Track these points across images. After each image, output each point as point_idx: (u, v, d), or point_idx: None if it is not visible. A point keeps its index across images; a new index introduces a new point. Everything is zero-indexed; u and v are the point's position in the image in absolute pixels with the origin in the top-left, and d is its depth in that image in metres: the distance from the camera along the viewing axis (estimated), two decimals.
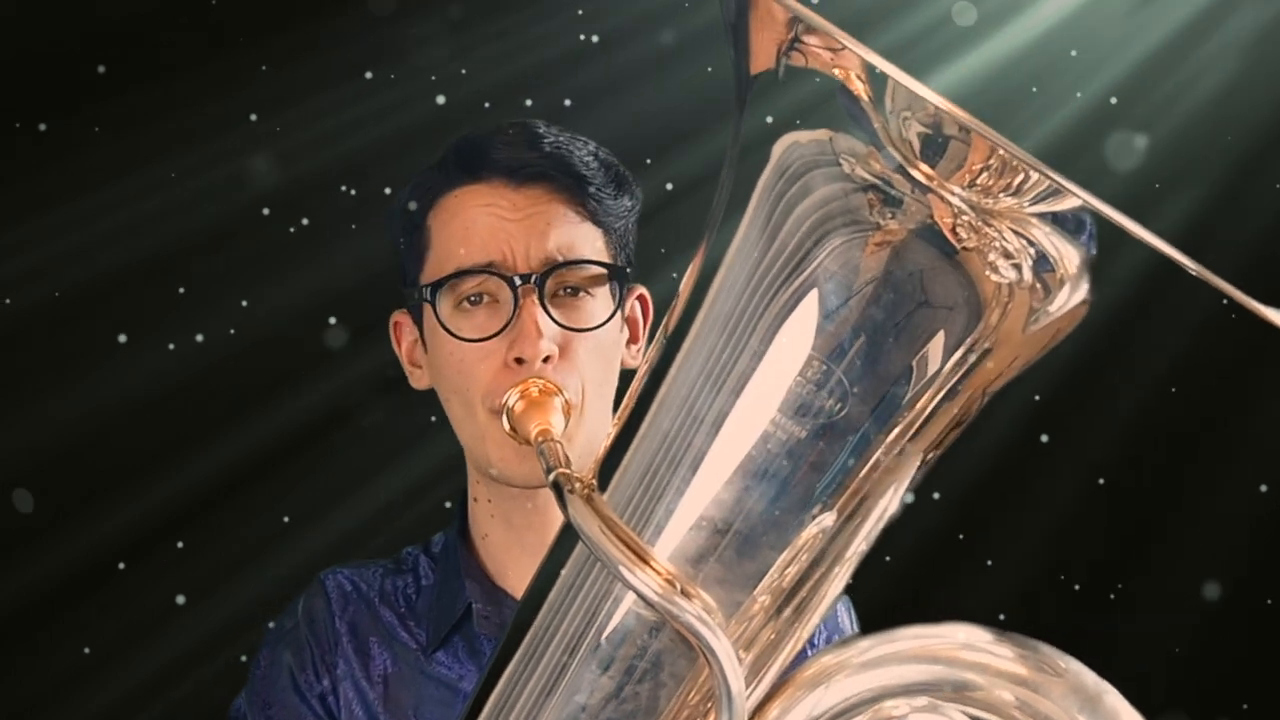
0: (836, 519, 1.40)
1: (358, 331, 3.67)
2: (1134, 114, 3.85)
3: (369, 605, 2.03)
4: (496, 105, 3.76)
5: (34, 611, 3.62)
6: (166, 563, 3.68)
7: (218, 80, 3.69)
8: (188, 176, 3.69)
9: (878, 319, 1.33)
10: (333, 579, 2.06)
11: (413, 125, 3.76)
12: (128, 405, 3.66)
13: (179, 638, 3.63)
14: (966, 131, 1.25)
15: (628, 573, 1.34)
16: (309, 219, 3.73)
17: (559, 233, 1.88)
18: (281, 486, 3.72)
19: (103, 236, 3.66)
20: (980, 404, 1.37)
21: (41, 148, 3.64)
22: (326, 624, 2.02)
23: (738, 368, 1.37)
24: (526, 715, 1.45)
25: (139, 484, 3.66)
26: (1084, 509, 3.96)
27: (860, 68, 1.27)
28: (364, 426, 3.71)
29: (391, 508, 3.70)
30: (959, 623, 1.52)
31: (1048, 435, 3.93)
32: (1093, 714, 1.47)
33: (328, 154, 3.73)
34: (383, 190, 3.60)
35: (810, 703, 1.50)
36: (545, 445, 1.53)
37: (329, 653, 2.01)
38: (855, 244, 1.32)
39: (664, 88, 3.80)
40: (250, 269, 3.72)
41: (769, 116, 1.34)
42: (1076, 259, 1.30)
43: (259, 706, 2.01)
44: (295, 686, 2.00)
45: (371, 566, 2.07)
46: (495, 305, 1.89)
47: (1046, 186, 1.25)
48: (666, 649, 1.41)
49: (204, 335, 3.71)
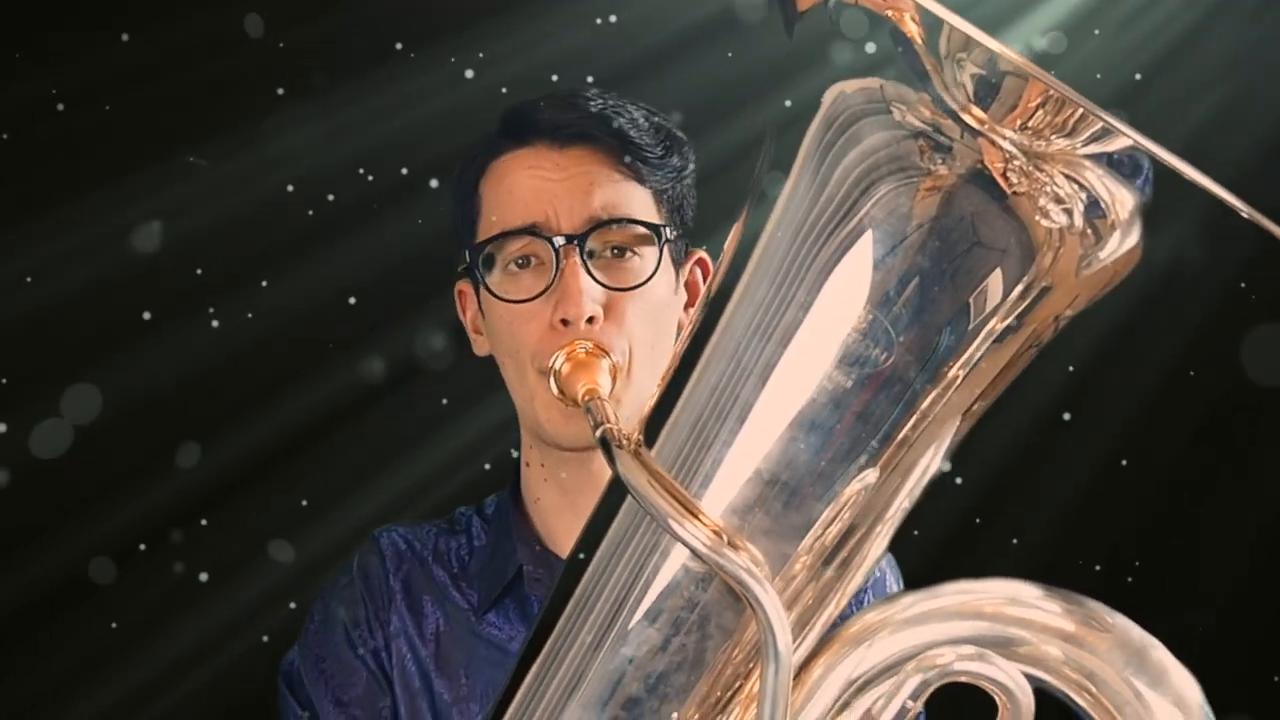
0: (880, 474, 1.40)
1: (378, 315, 3.67)
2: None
3: (422, 564, 2.05)
4: (514, 91, 3.76)
5: (61, 592, 3.62)
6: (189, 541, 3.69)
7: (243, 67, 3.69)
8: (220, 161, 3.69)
9: (925, 267, 1.32)
10: (387, 536, 2.08)
11: (429, 113, 3.75)
12: (153, 385, 3.67)
13: (204, 615, 3.63)
14: (1021, 73, 1.24)
15: (676, 525, 1.34)
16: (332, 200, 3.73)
17: (603, 192, 1.89)
18: (300, 470, 3.73)
19: (132, 223, 3.66)
20: (1053, 332, 1.36)
21: (63, 132, 3.64)
22: (381, 580, 2.04)
23: (785, 319, 1.37)
24: (575, 669, 1.45)
25: (162, 466, 3.66)
26: (1106, 489, 3.96)
27: (913, 8, 1.26)
28: (382, 414, 3.71)
29: (410, 493, 3.70)
30: (1003, 579, 1.51)
31: (1070, 413, 3.92)
32: (1140, 668, 1.47)
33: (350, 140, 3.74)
34: (400, 171, 3.60)
35: (854, 660, 1.50)
36: (592, 403, 1.53)
37: (383, 609, 2.03)
38: (904, 191, 1.31)
39: (687, 70, 3.80)
40: (273, 252, 3.71)
41: (818, 60, 1.33)
42: (1130, 203, 1.29)
43: (312, 660, 2.04)
44: (349, 641, 2.02)
45: (425, 526, 2.10)
46: (541, 267, 1.89)
47: (1099, 127, 1.24)
48: (714, 601, 1.41)
49: (226, 318, 3.71)
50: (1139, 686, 1.47)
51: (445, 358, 3.43)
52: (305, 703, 2.02)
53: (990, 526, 3.94)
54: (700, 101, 3.70)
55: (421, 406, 3.63)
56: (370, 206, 3.68)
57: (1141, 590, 3.94)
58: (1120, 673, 1.47)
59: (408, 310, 3.53)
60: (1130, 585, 3.96)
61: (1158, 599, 3.86)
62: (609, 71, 3.73)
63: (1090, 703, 1.47)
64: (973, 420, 1.42)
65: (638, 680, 1.43)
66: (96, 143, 3.63)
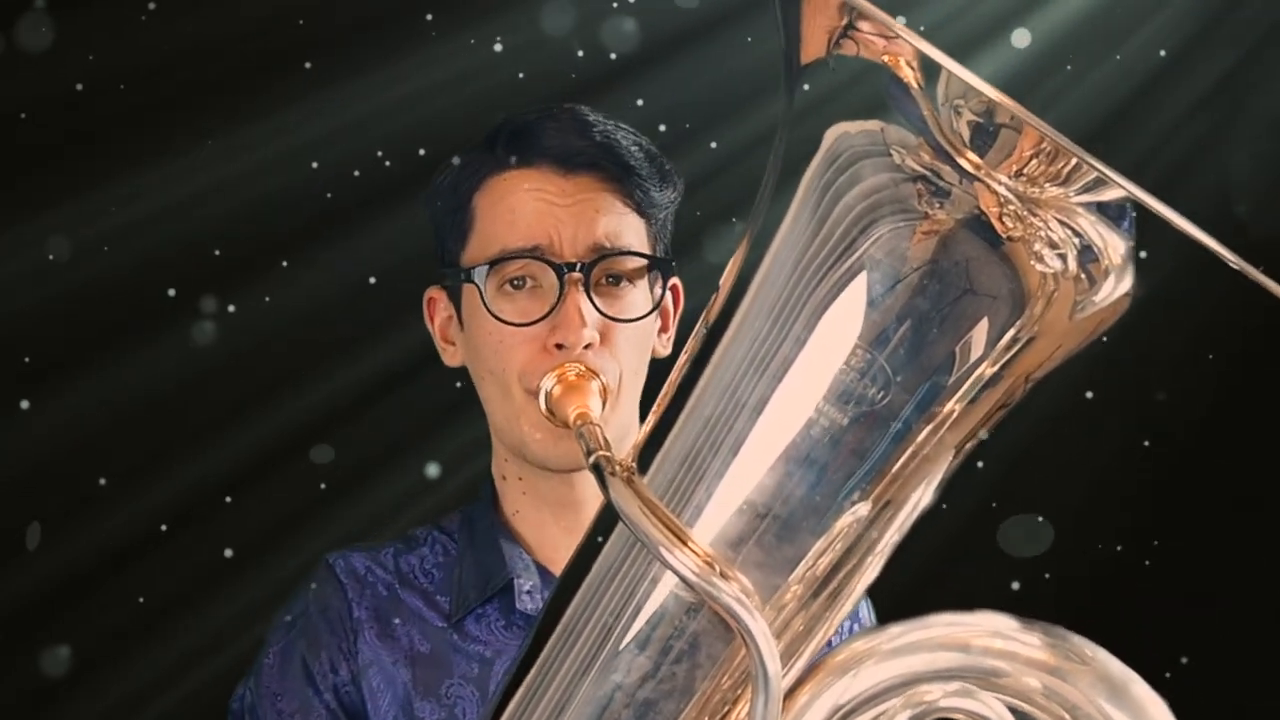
0: (872, 508, 1.42)
1: (399, 302, 3.69)
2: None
3: (388, 588, 2.00)
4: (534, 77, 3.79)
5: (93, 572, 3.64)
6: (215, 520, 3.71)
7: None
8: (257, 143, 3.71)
9: (922, 308, 1.34)
10: (343, 562, 2.02)
11: (447, 101, 3.78)
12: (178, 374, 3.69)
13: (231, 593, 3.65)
14: (1016, 121, 1.26)
15: (667, 553, 1.36)
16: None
17: (606, 221, 1.90)
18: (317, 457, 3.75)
19: (160, 211, 3.68)
20: (1024, 391, 1.39)
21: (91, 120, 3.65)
22: (342, 611, 1.99)
23: (781, 353, 1.39)
24: (563, 693, 1.46)
25: (191, 449, 3.69)
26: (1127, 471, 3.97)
27: (910, 55, 1.28)
28: (398, 399, 3.73)
29: (430, 480, 3.72)
30: (988, 611, 1.53)
31: (1092, 392, 3.93)
32: (1119, 702, 1.49)
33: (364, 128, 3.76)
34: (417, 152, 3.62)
35: (840, 688, 1.51)
36: (585, 428, 1.55)
37: (346, 640, 1.98)
38: (902, 233, 1.33)
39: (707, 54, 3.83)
40: (296, 237, 3.73)
41: (817, 104, 1.35)
42: (1121, 249, 1.31)
43: (268, 697, 1.98)
44: (309, 677, 1.97)
45: (382, 548, 2.04)
46: (539, 290, 1.90)
47: (1093, 177, 1.26)
48: (704, 630, 1.43)
49: (247, 304, 3.72)
50: None
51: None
52: None
53: (1008, 509, 3.96)
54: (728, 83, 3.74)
55: (443, 392, 3.64)
56: (394, 187, 3.70)
57: (1157, 574, 3.96)
58: (1100, 706, 1.49)
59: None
60: (1147, 569, 3.98)
61: (1175, 582, 3.89)
62: (631, 57, 3.75)
63: None
64: (964, 456, 1.45)
65: (626, 706, 1.44)
66: (115, 122, 3.66)
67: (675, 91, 3.84)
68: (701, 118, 3.80)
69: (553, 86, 3.75)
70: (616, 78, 3.83)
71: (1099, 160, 1.25)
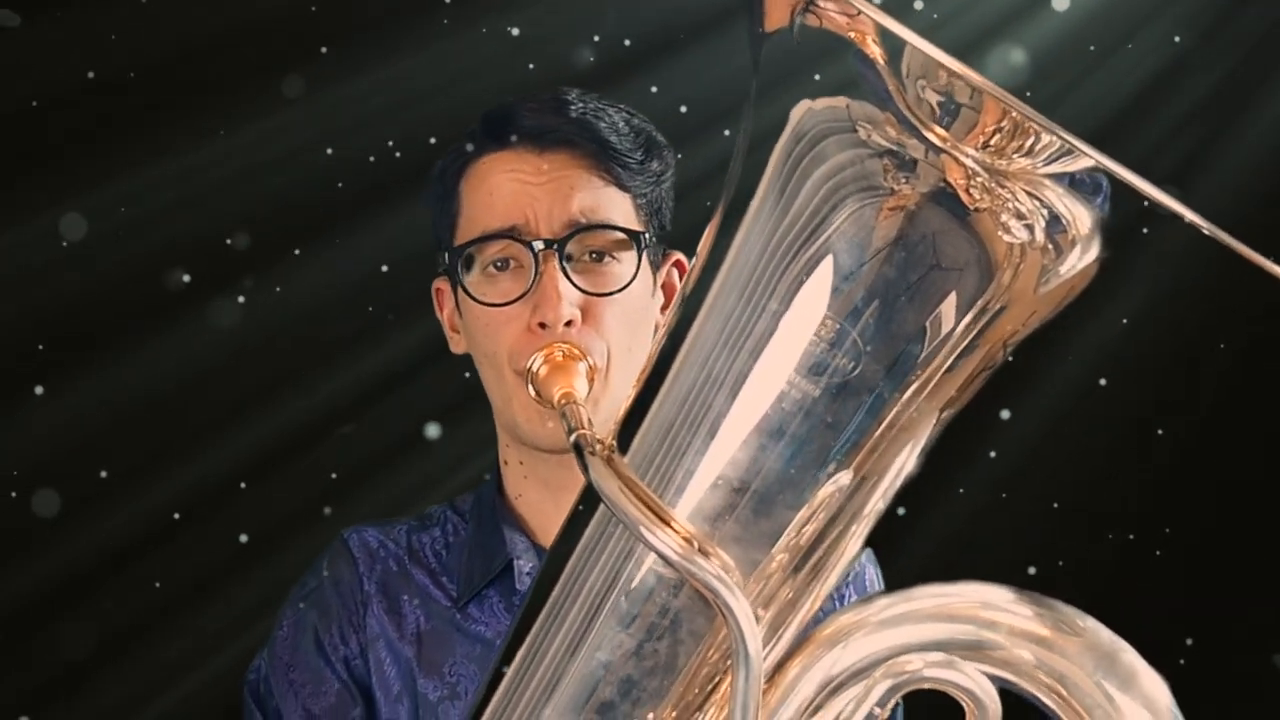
0: (853, 477, 1.42)
1: (414, 294, 3.71)
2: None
3: (398, 563, 2.04)
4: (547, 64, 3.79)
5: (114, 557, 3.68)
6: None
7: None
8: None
9: (892, 280, 1.34)
10: (356, 537, 2.06)
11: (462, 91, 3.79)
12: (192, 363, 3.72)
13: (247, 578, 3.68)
14: (980, 93, 1.26)
15: (647, 532, 1.36)
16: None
17: (582, 196, 1.90)
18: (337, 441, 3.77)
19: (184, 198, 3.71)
20: (1003, 357, 1.39)
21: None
22: (354, 584, 2.02)
23: (756, 329, 1.39)
24: (551, 673, 1.47)
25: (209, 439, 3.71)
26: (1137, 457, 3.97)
27: (875, 31, 1.28)
28: (416, 387, 3.74)
29: (444, 469, 3.74)
30: (977, 582, 1.53)
31: (1105, 379, 3.92)
32: (1110, 671, 1.49)
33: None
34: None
35: (829, 661, 1.52)
36: (568, 408, 1.55)
37: (356, 614, 2.01)
38: (872, 206, 1.33)
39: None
40: (315, 228, 3.74)
41: (784, 77, 1.35)
42: (1089, 220, 1.31)
43: (281, 669, 2.02)
44: (320, 648, 2.01)
45: (396, 525, 2.08)
46: (520, 270, 1.91)
47: (1059, 147, 1.26)
48: (686, 607, 1.43)
49: (263, 293, 3.74)
50: (1109, 689, 1.49)
51: None
52: (273, 714, 2.00)
53: (1022, 496, 3.96)
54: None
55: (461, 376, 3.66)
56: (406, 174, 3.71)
57: (1171, 562, 3.96)
58: (1090, 676, 1.49)
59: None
60: (1158, 558, 3.97)
61: (1189, 568, 3.89)
62: (651, 38, 3.75)
63: (1061, 705, 1.50)
64: (945, 423, 1.45)
65: (612, 684, 1.45)
66: (128, 107, 3.68)
67: (691, 80, 3.84)
68: (717, 106, 3.79)
69: (566, 74, 3.75)
70: (631, 65, 3.84)
71: (1065, 130, 1.25)
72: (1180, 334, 3.89)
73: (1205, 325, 3.88)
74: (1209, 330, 3.90)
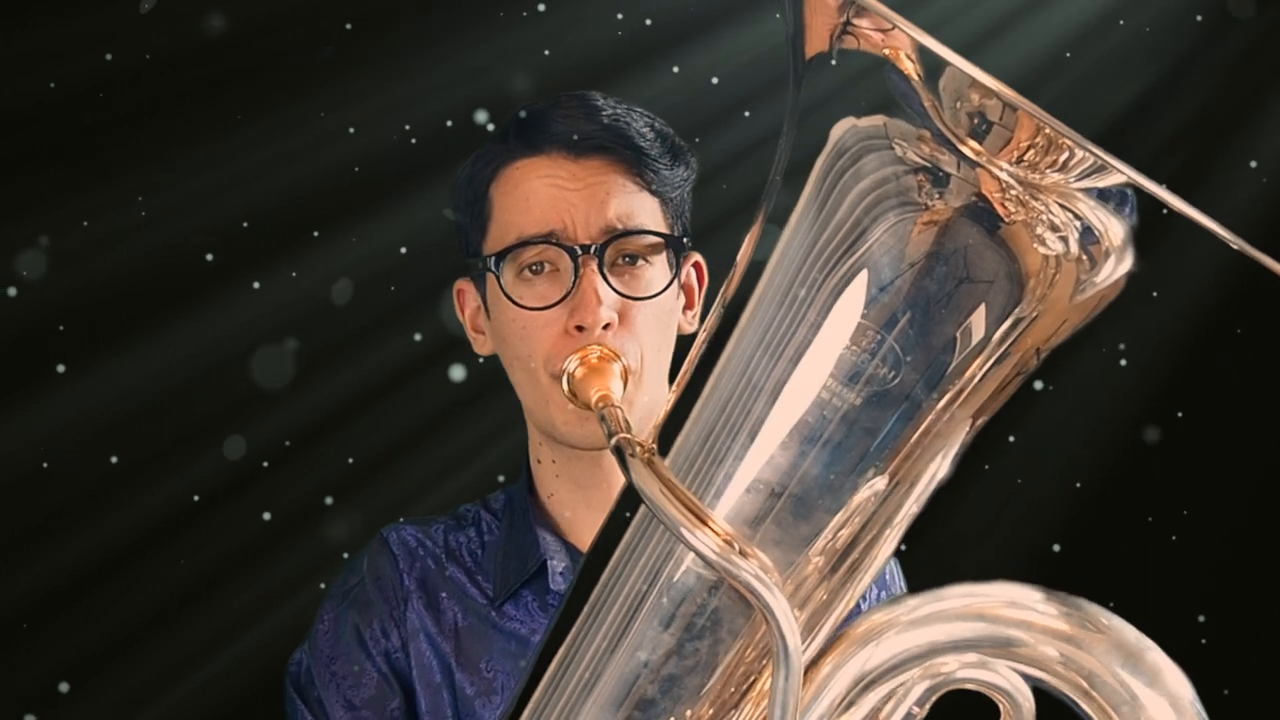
0: (888, 483, 1.46)
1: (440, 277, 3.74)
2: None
3: (436, 561, 2.08)
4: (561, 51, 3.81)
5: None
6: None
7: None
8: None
9: (930, 291, 1.38)
10: (396, 534, 2.10)
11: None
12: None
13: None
14: (1014, 109, 1.30)
15: (688, 533, 1.40)
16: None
17: (618, 202, 1.94)
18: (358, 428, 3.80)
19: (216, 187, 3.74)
20: (1037, 363, 1.42)
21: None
22: (394, 580, 2.07)
23: (796, 337, 1.43)
24: (592, 671, 1.51)
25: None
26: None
27: (910, 48, 1.32)
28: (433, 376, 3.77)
29: (457, 461, 3.77)
30: (1005, 582, 1.57)
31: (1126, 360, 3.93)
32: (1135, 670, 1.52)
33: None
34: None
35: (862, 658, 1.55)
36: (606, 410, 1.58)
37: (397, 609, 2.05)
38: (909, 220, 1.37)
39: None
40: (339, 216, 3.77)
41: (824, 99, 1.39)
42: (1121, 231, 1.35)
43: (323, 661, 2.06)
44: (361, 643, 2.05)
45: (433, 524, 2.12)
46: (556, 274, 1.94)
47: (1092, 163, 1.30)
48: (725, 607, 1.47)
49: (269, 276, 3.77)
50: (1135, 687, 1.52)
51: None
52: (315, 704, 2.04)
53: (1040, 484, 3.99)
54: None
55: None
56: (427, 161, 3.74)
57: (1188, 548, 3.98)
58: (1116, 673, 1.52)
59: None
60: (1174, 544, 4.00)
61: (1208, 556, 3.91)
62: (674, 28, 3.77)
63: (1088, 701, 1.53)
64: (974, 433, 1.48)
65: (652, 682, 1.49)
66: (148, 96, 3.72)
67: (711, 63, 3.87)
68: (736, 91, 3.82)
69: (588, 55, 3.77)
70: (655, 44, 3.87)
71: (1097, 146, 1.28)
72: (1199, 318, 3.90)
73: (1228, 306, 3.89)
74: (1232, 310, 3.91)
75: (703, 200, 2.08)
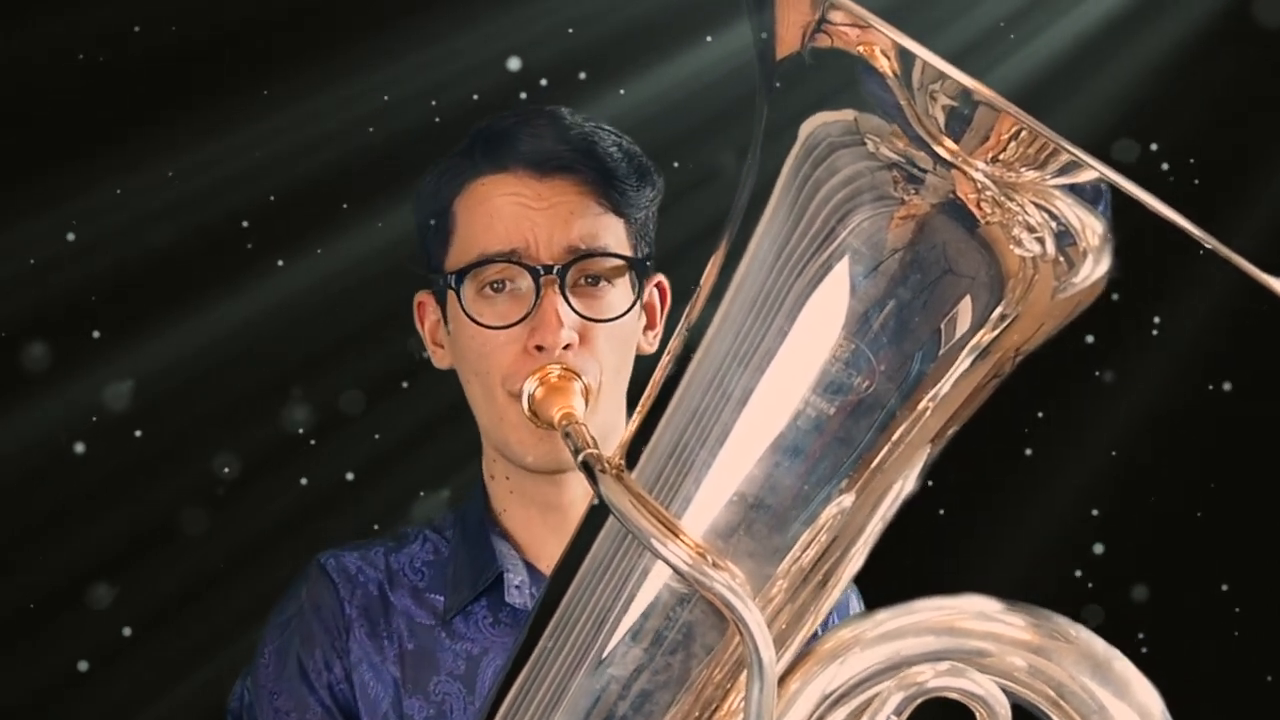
0: (856, 497, 1.45)
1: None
2: None
3: (378, 587, 2.04)
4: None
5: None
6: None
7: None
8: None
9: (903, 295, 1.37)
10: (334, 561, 2.06)
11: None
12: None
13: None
14: (990, 107, 1.29)
15: (660, 545, 1.38)
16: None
17: (582, 223, 1.92)
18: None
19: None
20: (1012, 366, 1.41)
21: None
22: (334, 610, 2.02)
23: (764, 345, 1.41)
24: (558, 687, 1.48)
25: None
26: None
27: (885, 46, 1.31)
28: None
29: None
30: (971, 594, 1.56)
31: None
32: (1103, 680, 1.52)
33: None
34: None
35: (829, 675, 1.54)
36: (571, 427, 1.56)
37: (339, 639, 2.01)
38: (880, 221, 1.36)
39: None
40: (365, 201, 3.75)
41: (795, 96, 1.38)
42: (1099, 230, 1.34)
43: (265, 696, 2.02)
44: (304, 675, 2.01)
45: (372, 546, 2.08)
46: (517, 293, 1.92)
47: (1067, 160, 1.29)
48: (697, 620, 1.45)
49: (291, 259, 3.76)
50: (1103, 697, 1.51)
51: None
52: None
53: (1057, 479, 3.99)
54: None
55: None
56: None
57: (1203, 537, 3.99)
58: (1085, 684, 1.52)
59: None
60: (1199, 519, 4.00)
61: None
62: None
63: (1057, 712, 1.52)
64: (942, 445, 1.47)
65: (621, 698, 1.46)
66: (165, 76, 3.68)
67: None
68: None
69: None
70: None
71: (1072, 143, 1.27)
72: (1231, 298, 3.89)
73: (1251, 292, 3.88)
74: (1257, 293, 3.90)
75: (677, 217, 2.08)
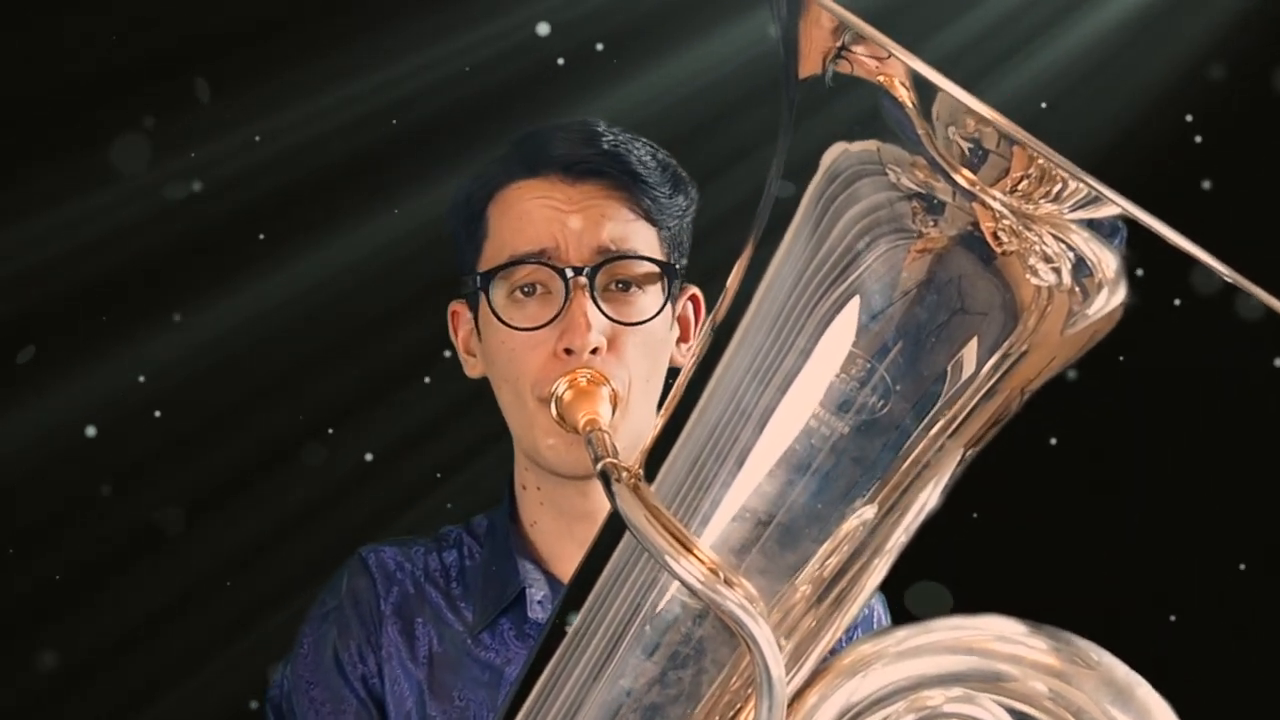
0: (877, 512, 1.45)
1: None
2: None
3: (415, 585, 2.06)
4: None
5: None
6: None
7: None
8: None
9: (921, 320, 1.37)
10: (375, 556, 2.08)
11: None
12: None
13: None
14: (1009, 139, 1.28)
15: (672, 561, 1.38)
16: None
17: (613, 226, 1.93)
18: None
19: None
20: (1020, 402, 1.41)
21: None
22: (372, 604, 2.05)
23: (785, 364, 1.42)
24: (573, 699, 1.49)
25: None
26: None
27: (905, 75, 1.31)
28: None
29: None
30: (994, 615, 1.55)
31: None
32: (1125, 707, 1.51)
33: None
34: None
35: (848, 690, 1.54)
36: (593, 434, 1.57)
37: (374, 633, 2.04)
38: (901, 249, 1.36)
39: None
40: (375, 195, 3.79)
41: (817, 123, 1.38)
42: (1114, 263, 1.34)
43: (302, 686, 2.04)
44: (339, 667, 2.03)
45: (413, 545, 2.10)
46: (547, 296, 1.93)
47: (1086, 194, 1.28)
48: (709, 636, 1.46)
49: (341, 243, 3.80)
50: None
51: None
52: None
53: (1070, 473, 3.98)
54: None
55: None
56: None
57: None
58: (1106, 709, 1.51)
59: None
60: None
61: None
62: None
63: None
64: (969, 460, 1.47)
65: (635, 711, 1.47)
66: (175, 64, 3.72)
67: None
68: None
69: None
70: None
71: (1092, 177, 1.27)
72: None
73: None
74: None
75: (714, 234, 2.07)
